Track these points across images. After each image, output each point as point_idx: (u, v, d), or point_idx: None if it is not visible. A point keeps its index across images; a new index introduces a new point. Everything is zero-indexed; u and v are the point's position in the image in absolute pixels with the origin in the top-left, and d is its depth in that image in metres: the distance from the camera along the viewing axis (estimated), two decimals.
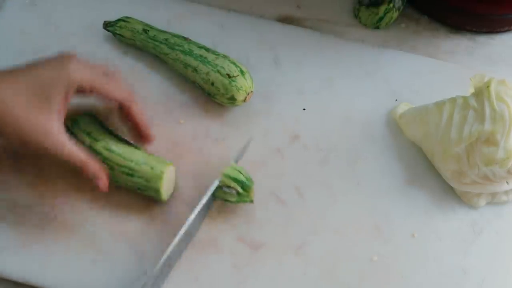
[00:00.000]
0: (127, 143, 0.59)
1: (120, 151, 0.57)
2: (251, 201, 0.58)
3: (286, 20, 0.74)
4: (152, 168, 0.56)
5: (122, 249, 0.58)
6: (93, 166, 0.55)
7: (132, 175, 0.57)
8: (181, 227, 0.56)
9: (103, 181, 0.55)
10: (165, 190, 0.58)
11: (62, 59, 0.54)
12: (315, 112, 0.67)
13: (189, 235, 0.57)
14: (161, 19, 0.70)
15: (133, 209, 0.59)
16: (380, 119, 0.66)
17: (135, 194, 0.59)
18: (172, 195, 0.60)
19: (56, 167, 0.61)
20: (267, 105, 0.67)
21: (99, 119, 0.61)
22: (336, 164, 0.64)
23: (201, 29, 0.70)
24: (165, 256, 0.54)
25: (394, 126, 0.66)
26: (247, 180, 0.58)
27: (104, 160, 0.57)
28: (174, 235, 0.55)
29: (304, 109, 0.67)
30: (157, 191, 0.57)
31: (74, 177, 0.59)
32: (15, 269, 0.56)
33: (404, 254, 0.59)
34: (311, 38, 0.71)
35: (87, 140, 0.57)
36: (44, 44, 0.68)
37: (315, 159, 0.64)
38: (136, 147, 0.59)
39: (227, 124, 0.65)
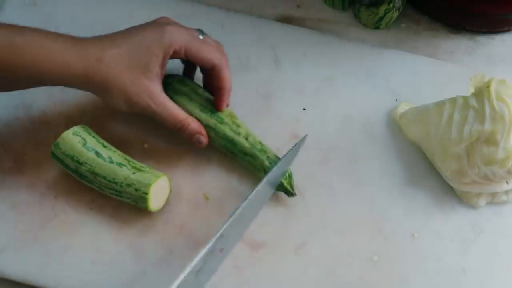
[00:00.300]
0: (114, 157, 0.58)
1: (104, 174, 0.57)
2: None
3: (286, 20, 0.74)
4: (136, 190, 0.56)
5: (122, 249, 0.58)
6: (192, 124, 0.58)
7: (120, 196, 0.57)
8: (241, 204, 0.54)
9: (203, 136, 0.59)
10: (156, 202, 0.58)
11: (159, 24, 0.56)
12: (315, 112, 0.67)
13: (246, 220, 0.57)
14: None
15: (133, 209, 0.59)
16: (380, 119, 0.66)
17: None
18: (167, 201, 0.60)
19: (56, 167, 0.61)
20: (267, 104, 0.67)
21: (90, 129, 0.60)
22: (336, 164, 0.64)
23: (201, 29, 0.70)
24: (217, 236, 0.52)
25: (394, 126, 0.66)
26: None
27: (91, 183, 0.58)
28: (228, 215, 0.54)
29: (304, 109, 0.67)
30: (146, 207, 0.57)
31: (75, 178, 0.59)
32: (15, 269, 0.56)
33: (404, 254, 0.59)
34: (311, 38, 0.71)
35: (72, 164, 0.57)
36: None
37: (315, 159, 0.64)
38: (122, 164, 0.58)
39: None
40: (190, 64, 0.64)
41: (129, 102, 0.55)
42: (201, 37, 0.59)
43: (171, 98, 0.59)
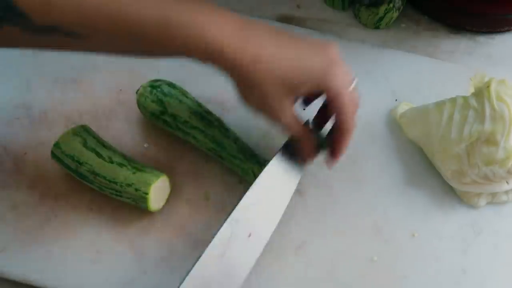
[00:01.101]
0: (114, 157, 0.58)
1: (104, 174, 0.57)
2: None
3: (286, 20, 0.74)
4: (136, 190, 0.56)
5: (122, 249, 0.58)
6: (307, 144, 0.54)
7: (120, 196, 0.57)
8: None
9: (309, 158, 0.55)
10: (156, 202, 0.58)
11: (329, 54, 0.50)
12: (315, 112, 0.66)
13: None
14: None
15: (133, 209, 0.59)
16: (380, 119, 0.66)
17: None
18: (167, 201, 0.60)
19: (56, 167, 0.61)
20: None
21: (90, 129, 0.60)
22: (336, 163, 0.63)
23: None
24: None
25: (394, 126, 0.66)
26: None
27: (92, 183, 0.58)
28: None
29: (304, 109, 0.67)
30: (146, 207, 0.57)
31: (75, 178, 0.59)
32: (15, 269, 0.56)
33: (404, 254, 0.59)
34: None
35: (72, 164, 0.57)
36: None
37: (315, 159, 0.64)
38: (122, 164, 0.58)
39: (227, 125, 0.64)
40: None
41: (266, 112, 0.51)
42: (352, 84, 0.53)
43: (161, 100, 0.60)
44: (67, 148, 0.58)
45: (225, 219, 0.51)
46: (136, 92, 0.62)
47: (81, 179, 0.58)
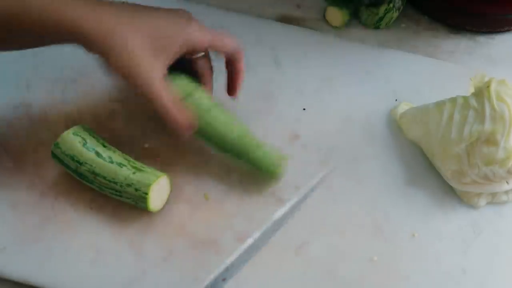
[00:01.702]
0: (114, 157, 0.58)
1: (104, 174, 0.57)
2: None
3: (286, 20, 0.74)
4: (136, 190, 0.56)
5: (122, 249, 0.58)
6: (181, 121, 0.56)
7: (120, 196, 0.57)
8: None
9: (186, 131, 0.57)
10: (156, 202, 0.58)
11: (183, 17, 0.56)
12: (315, 112, 0.67)
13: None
14: None
15: (133, 209, 0.59)
16: (380, 119, 0.66)
17: None
18: (167, 201, 0.60)
19: (56, 167, 0.61)
20: (267, 105, 0.67)
21: (90, 129, 0.60)
22: (336, 164, 0.64)
23: None
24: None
25: (394, 126, 0.66)
26: None
27: (91, 183, 0.58)
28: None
29: (304, 109, 0.67)
30: (146, 207, 0.57)
31: (75, 178, 0.59)
32: (15, 269, 0.56)
33: (404, 254, 0.59)
34: (311, 38, 0.71)
35: (72, 164, 0.57)
36: None
37: (315, 159, 0.64)
38: (122, 164, 0.58)
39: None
40: None
41: (132, 81, 0.53)
42: None
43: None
44: (67, 148, 0.58)
45: None
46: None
47: (81, 179, 0.58)
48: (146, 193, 0.56)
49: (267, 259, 0.58)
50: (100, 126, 0.64)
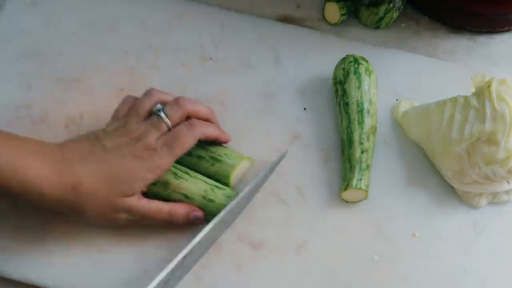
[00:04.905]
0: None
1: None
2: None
3: (286, 19, 0.74)
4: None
5: (122, 249, 0.58)
6: (179, 209, 0.56)
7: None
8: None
9: (196, 210, 0.57)
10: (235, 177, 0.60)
11: (141, 150, 0.53)
12: (316, 111, 0.66)
13: (226, 222, 0.58)
14: (161, 19, 0.70)
15: None
16: (381, 119, 0.66)
17: None
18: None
19: None
20: (267, 104, 0.67)
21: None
22: (336, 163, 0.63)
23: (201, 29, 0.70)
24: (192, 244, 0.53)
25: (395, 126, 0.66)
26: None
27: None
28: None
29: (304, 109, 0.67)
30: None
31: None
32: (15, 269, 0.56)
33: (405, 254, 0.59)
34: (311, 38, 0.71)
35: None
36: (44, 44, 0.68)
37: (316, 158, 0.64)
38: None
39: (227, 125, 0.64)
40: None
41: (106, 221, 0.55)
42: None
43: None
44: None
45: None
46: None
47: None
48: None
49: (267, 258, 0.58)
50: (101, 126, 0.63)
